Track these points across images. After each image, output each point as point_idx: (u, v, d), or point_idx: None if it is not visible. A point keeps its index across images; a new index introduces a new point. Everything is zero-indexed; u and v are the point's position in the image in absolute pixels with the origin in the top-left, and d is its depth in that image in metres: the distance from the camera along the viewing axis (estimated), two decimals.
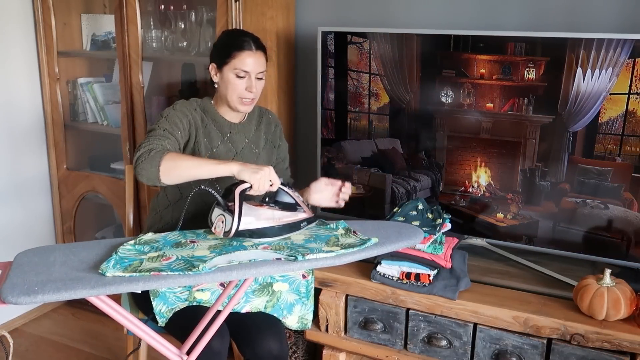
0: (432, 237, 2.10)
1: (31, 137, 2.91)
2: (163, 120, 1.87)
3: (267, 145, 2.12)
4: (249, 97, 1.93)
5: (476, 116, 2.23)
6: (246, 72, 1.90)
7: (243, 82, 1.91)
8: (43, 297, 1.31)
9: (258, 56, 1.92)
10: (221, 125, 2.00)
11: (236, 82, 1.91)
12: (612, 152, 2.04)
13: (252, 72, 1.91)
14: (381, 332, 2.16)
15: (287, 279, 1.96)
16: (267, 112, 2.16)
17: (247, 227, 1.64)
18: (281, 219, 1.70)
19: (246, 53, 1.89)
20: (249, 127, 2.07)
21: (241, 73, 1.90)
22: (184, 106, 1.95)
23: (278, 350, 1.84)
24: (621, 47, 1.95)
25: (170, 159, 1.67)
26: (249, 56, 1.90)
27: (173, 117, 1.88)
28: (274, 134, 2.15)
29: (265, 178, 1.64)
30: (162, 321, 1.85)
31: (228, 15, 2.32)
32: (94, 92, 2.89)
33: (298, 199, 1.76)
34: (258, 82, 1.94)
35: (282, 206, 1.73)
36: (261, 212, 1.69)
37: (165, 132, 1.82)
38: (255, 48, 1.91)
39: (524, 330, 1.93)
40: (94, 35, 2.92)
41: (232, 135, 2.02)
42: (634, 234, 2.06)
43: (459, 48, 2.20)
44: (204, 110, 2.00)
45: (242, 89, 1.92)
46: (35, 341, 2.84)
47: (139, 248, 1.62)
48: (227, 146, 2.00)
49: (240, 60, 1.89)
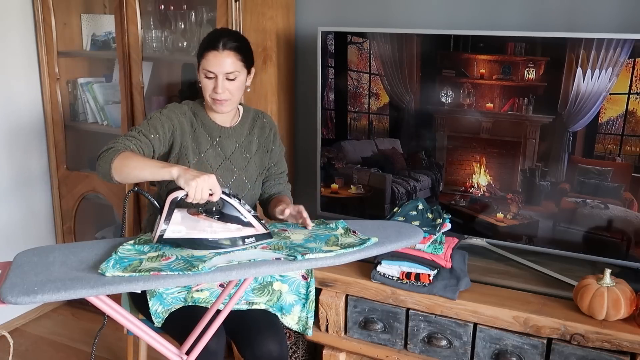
0: (432, 237, 2.10)
1: (31, 137, 2.91)
2: (144, 122, 1.88)
3: (260, 149, 2.07)
4: (219, 98, 1.88)
5: (476, 116, 2.23)
6: (210, 72, 1.86)
7: (211, 82, 1.87)
8: (42, 297, 1.31)
9: (224, 56, 1.85)
10: (210, 129, 1.98)
11: (205, 82, 1.88)
12: (612, 152, 2.04)
13: (218, 73, 1.85)
14: (381, 332, 2.16)
15: (287, 280, 1.95)
16: (262, 116, 2.11)
17: (174, 235, 1.57)
18: (219, 232, 1.58)
19: (212, 54, 1.85)
20: (241, 131, 2.03)
21: (208, 74, 1.86)
22: (172, 110, 1.93)
23: (278, 351, 1.84)
24: (621, 47, 1.95)
25: (123, 157, 1.66)
26: (214, 57, 1.85)
27: (154, 121, 1.88)
28: (267, 138, 2.09)
29: (202, 186, 1.54)
30: (157, 321, 1.85)
31: (228, 15, 2.32)
32: (94, 92, 2.89)
33: (246, 212, 1.62)
34: (228, 83, 1.87)
35: (225, 218, 1.60)
36: (196, 222, 1.59)
37: (139, 134, 1.82)
38: (222, 48, 1.84)
39: (524, 330, 1.93)
40: (94, 35, 2.92)
41: (222, 139, 1.99)
42: (634, 234, 2.06)
43: (459, 48, 2.20)
44: (195, 113, 1.98)
45: (211, 89, 1.88)
46: (35, 341, 2.84)
47: (138, 248, 1.62)
48: (215, 151, 1.98)
49: (206, 61, 1.86)
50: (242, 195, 2.02)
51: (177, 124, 1.91)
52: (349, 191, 2.52)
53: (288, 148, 2.79)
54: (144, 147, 1.82)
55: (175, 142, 1.92)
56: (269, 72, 2.57)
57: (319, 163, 2.53)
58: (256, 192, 2.08)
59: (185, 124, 1.94)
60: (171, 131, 1.90)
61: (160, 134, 1.87)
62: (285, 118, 2.74)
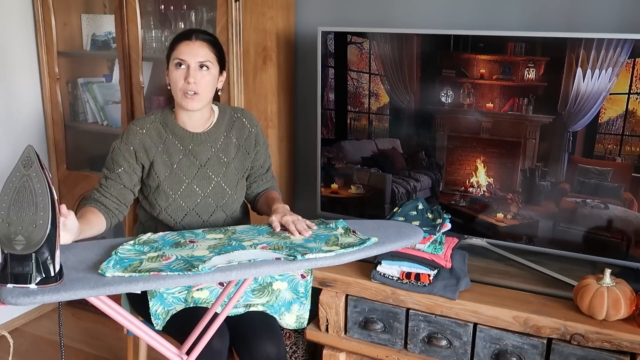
0: (432, 237, 2.10)
1: (31, 137, 2.91)
2: (108, 158, 1.92)
3: (240, 152, 2.01)
4: (190, 90, 1.84)
5: (476, 116, 2.23)
6: (182, 60, 1.84)
7: (182, 72, 1.84)
8: (42, 298, 1.31)
9: (197, 45, 1.85)
10: (181, 137, 1.93)
11: (175, 73, 1.85)
12: (612, 152, 2.04)
13: (190, 61, 1.83)
14: (381, 332, 2.16)
15: (287, 277, 1.95)
16: (241, 116, 2.03)
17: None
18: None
19: (184, 43, 1.85)
20: (216, 135, 1.96)
21: (178, 62, 1.84)
22: (130, 132, 1.91)
23: (276, 354, 1.83)
24: (621, 47, 1.95)
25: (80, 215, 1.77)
26: (186, 45, 1.85)
27: (116, 154, 1.90)
28: (248, 140, 2.01)
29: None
30: (157, 323, 1.84)
31: (228, 15, 2.32)
32: (94, 92, 2.89)
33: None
34: (200, 72, 1.84)
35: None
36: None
37: (106, 180, 1.90)
38: (194, 38, 1.85)
39: (524, 330, 1.93)
40: (94, 35, 2.92)
41: (195, 146, 1.93)
42: (634, 234, 2.06)
43: (459, 48, 2.20)
44: (163, 123, 1.94)
45: (182, 80, 1.84)
46: (35, 341, 2.84)
47: (138, 248, 1.62)
48: (189, 159, 1.93)
49: (177, 51, 1.85)
50: (222, 202, 1.99)
51: (136, 144, 1.90)
52: (349, 191, 2.52)
53: (288, 148, 2.80)
54: (112, 190, 1.89)
55: (144, 163, 1.92)
56: (269, 72, 2.57)
57: (319, 163, 2.53)
58: (238, 196, 2.03)
59: (148, 140, 1.91)
60: (135, 156, 1.90)
61: (125, 166, 1.90)
62: (285, 118, 2.74)
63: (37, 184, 1.33)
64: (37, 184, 1.33)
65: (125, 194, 1.91)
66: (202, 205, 1.96)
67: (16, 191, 1.33)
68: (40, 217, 1.31)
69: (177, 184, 1.93)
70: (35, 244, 1.31)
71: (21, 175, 1.33)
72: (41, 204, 1.32)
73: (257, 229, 1.79)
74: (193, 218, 1.96)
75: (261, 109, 2.56)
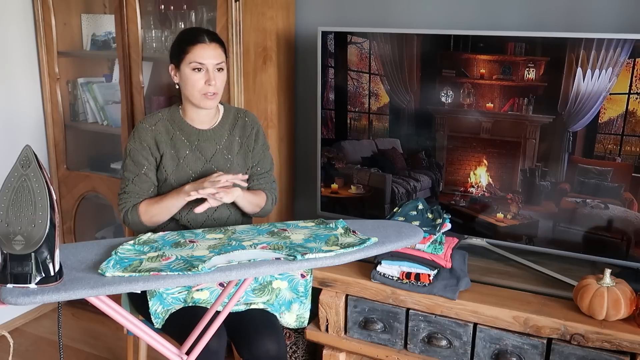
0: (432, 237, 2.09)
1: (31, 136, 2.91)
2: (129, 162, 1.95)
3: (242, 150, 2.05)
4: (211, 91, 1.89)
5: (476, 116, 2.23)
6: (201, 64, 1.87)
7: (201, 75, 1.88)
8: (42, 298, 1.31)
9: (212, 47, 1.89)
10: (188, 133, 1.98)
11: (194, 77, 1.88)
12: (612, 152, 2.04)
13: (209, 64, 1.88)
14: (381, 332, 2.16)
15: (287, 276, 1.95)
16: (244, 115, 2.08)
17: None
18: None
19: (199, 46, 1.88)
20: (221, 133, 2.02)
21: (197, 66, 1.88)
22: (141, 131, 1.96)
23: (276, 351, 1.84)
24: (621, 47, 1.95)
25: (145, 212, 1.92)
26: (202, 48, 1.88)
27: (136, 156, 1.94)
28: (249, 138, 2.06)
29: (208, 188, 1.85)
30: (157, 322, 1.85)
31: (228, 15, 2.32)
32: (94, 92, 2.89)
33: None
34: (218, 74, 1.90)
35: None
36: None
37: (134, 183, 1.95)
38: (208, 40, 1.89)
39: (524, 330, 1.93)
40: (94, 35, 2.92)
41: (201, 142, 1.98)
42: (634, 234, 2.06)
43: (459, 48, 2.20)
44: (171, 119, 1.99)
45: (202, 83, 1.89)
46: (35, 341, 2.84)
47: (138, 248, 1.62)
48: (195, 155, 1.98)
49: (193, 54, 1.87)
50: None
51: (149, 141, 1.95)
52: (349, 191, 2.52)
53: (288, 148, 2.80)
54: (144, 186, 1.95)
55: (156, 157, 1.97)
56: (269, 72, 2.57)
57: (319, 163, 2.53)
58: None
59: (158, 135, 1.96)
60: (151, 152, 1.95)
61: (146, 164, 1.94)
62: (285, 118, 2.74)
63: (36, 184, 1.33)
64: (35, 183, 1.33)
65: (154, 189, 1.98)
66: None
67: (14, 191, 1.33)
68: (39, 217, 1.32)
69: (184, 178, 1.97)
70: (35, 244, 1.31)
71: (19, 175, 1.33)
72: (40, 204, 1.32)
73: (257, 229, 1.79)
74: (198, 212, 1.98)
75: (261, 109, 2.55)
